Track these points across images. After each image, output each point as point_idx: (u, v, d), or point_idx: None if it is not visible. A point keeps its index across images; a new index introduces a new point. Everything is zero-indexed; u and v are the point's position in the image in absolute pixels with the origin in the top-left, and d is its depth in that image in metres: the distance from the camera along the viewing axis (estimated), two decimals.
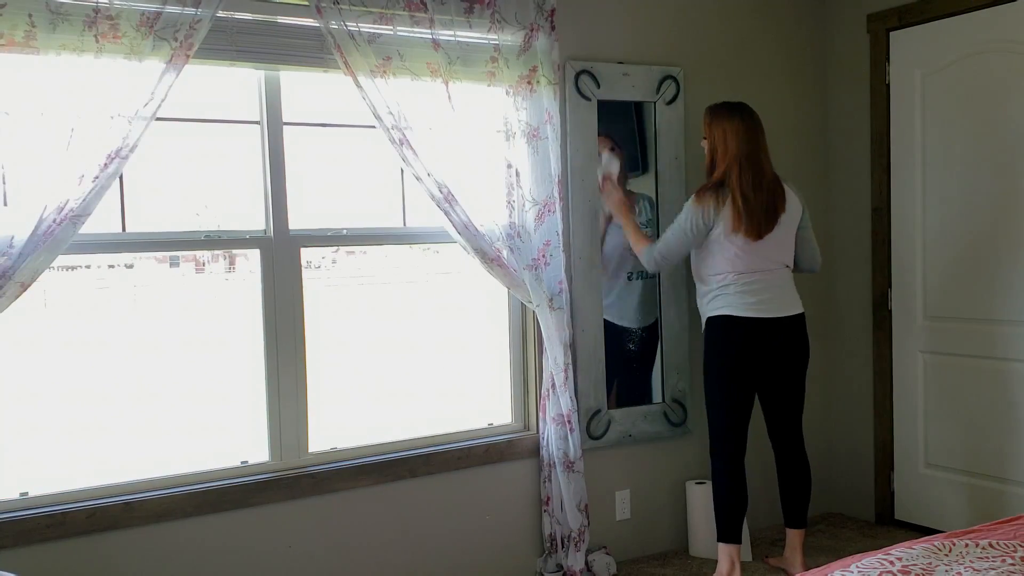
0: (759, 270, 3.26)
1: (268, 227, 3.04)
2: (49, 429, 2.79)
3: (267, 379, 3.05)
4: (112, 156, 2.55)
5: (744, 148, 3.23)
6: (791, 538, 3.50)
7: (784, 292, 3.33)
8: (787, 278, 3.36)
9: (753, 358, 3.29)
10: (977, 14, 3.63)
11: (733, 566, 3.33)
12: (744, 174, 3.20)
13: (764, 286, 3.27)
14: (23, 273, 2.46)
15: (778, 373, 3.37)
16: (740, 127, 3.25)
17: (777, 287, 3.30)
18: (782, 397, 3.43)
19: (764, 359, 3.31)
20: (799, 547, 3.49)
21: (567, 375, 3.34)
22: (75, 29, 2.50)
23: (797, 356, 3.38)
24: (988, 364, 3.68)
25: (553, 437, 3.37)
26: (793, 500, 3.49)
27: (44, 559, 2.64)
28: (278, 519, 3.00)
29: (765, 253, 3.26)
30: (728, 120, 3.28)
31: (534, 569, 3.49)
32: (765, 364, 3.32)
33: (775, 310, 3.28)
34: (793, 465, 3.48)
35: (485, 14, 3.17)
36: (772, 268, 3.29)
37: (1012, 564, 2.14)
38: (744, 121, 3.27)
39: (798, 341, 3.37)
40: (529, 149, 3.27)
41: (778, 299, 3.30)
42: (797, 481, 3.48)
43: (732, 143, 3.24)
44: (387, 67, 2.97)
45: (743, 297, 3.24)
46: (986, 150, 3.64)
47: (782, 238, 3.31)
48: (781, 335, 3.30)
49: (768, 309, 3.26)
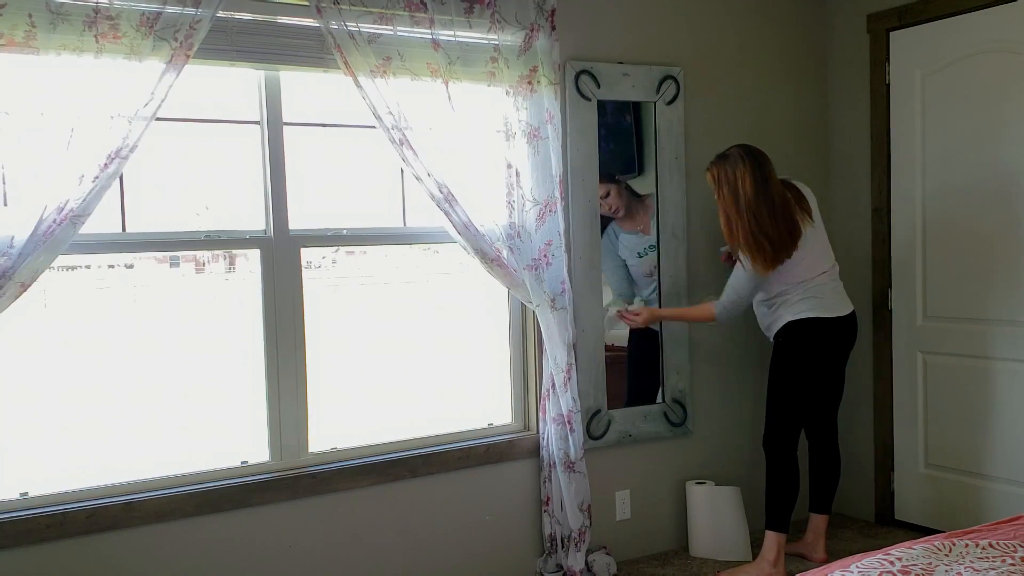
0: (816, 274, 3.42)
1: (268, 227, 3.04)
2: (49, 429, 2.78)
3: (267, 379, 3.05)
4: (112, 156, 2.55)
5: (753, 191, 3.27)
6: (816, 523, 3.65)
7: (839, 291, 3.50)
8: (837, 276, 3.52)
9: (825, 356, 3.48)
10: (977, 14, 3.62)
11: (779, 554, 3.43)
12: (761, 216, 3.27)
13: (826, 289, 3.44)
14: (23, 273, 2.46)
15: (831, 369, 3.55)
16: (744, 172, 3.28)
17: (833, 287, 3.48)
18: (830, 392, 3.60)
19: (830, 357, 3.51)
20: (823, 532, 3.64)
21: (568, 375, 3.34)
22: (75, 29, 2.50)
23: (848, 352, 3.58)
24: (988, 364, 3.68)
25: (553, 437, 3.37)
26: (823, 486, 3.66)
27: (44, 559, 2.64)
28: (278, 519, 3.00)
29: (813, 261, 3.41)
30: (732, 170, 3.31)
31: (534, 569, 3.49)
32: (829, 361, 3.51)
33: (839, 309, 3.46)
34: (827, 454, 3.66)
35: (485, 14, 3.17)
36: (826, 270, 3.45)
37: (1012, 564, 2.14)
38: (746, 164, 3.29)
39: (853, 338, 3.55)
40: (529, 149, 3.27)
41: (838, 299, 3.47)
42: (829, 469, 3.66)
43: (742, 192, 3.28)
44: (387, 67, 2.97)
45: (813, 301, 3.40)
46: (986, 150, 3.64)
47: (820, 241, 3.46)
48: (844, 332, 3.49)
49: (835, 308, 3.44)
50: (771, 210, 3.27)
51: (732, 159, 3.33)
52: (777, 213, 3.28)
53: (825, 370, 3.51)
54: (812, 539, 3.65)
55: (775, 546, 3.45)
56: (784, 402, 3.49)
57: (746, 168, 3.28)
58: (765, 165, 3.32)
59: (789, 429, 3.49)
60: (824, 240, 3.50)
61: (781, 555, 3.45)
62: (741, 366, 4.00)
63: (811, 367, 3.46)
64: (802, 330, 3.42)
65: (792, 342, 3.45)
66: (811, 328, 3.41)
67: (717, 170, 3.36)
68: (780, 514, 3.47)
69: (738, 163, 3.30)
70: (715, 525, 3.71)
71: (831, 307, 3.43)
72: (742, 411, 4.01)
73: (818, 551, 3.62)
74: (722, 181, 3.33)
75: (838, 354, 3.53)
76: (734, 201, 3.29)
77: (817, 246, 3.43)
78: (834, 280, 3.49)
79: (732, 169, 3.31)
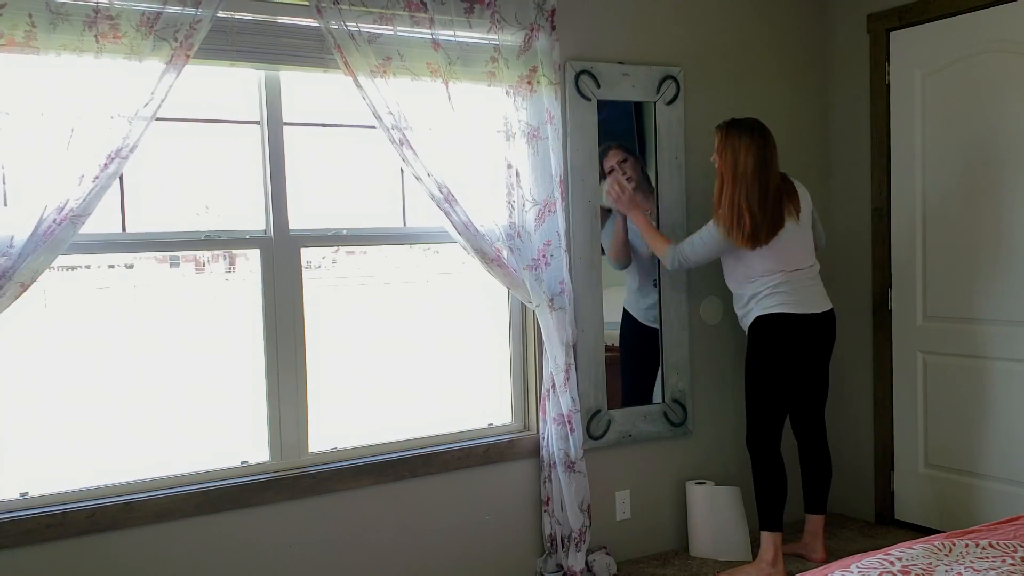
0: (790, 269, 3.38)
1: (268, 227, 3.04)
2: (49, 429, 2.78)
3: (267, 379, 3.05)
4: (112, 156, 2.55)
5: (754, 166, 3.28)
6: (812, 524, 3.64)
7: (816, 288, 3.46)
8: (816, 275, 3.49)
9: (798, 352, 3.43)
10: (977, 14, 3.62)
11: (777, 554, 3.42)
12: (752, 193, 3.27)
13: (799, 285, 3.39)
14: (23, 273, 2.46)
15: (811, 367, 3.50)
16: (751, 145, 3.30)
17: (809, 284, 3.43)
18: (812, 390, 3.56)
19: (805, 353, 3.45)
20: (820, 532, 3.63)
21: (567, 375, 3.34)
22: (75, 29, 2.50)
23: (828, 350, 3.54)
24: (988, 364, 3.68)
25: (554, 437, 3.37)
26: (815, 487, 3.64)
27: (44, 559, 2.64)
28: (278, 519, 3.00)
29: (790, 255, 3.38)
30: (739, 139, 3.32)
31: (534, 569, 3.49)
32: (804, 358, 3.46)
33: (814, 306, 3.41)
34: (816, 453, 3.63)
35: (485, 14, 3.17)
36: (802, 267, 3.41)
37: (1012, 564, 2.14)
38: (755, 139, 3.32)
39: (831, 336, 3.53)
40: (529, 149, 3.27)
41: (814, 296, 3.44)
42: (820, 469, 3.64)
43: (742, 163, 3.29)
44: (387, 67, 2.97)
45: (784, 296, 3.36)
46: (986, 150, 3.64)
47: (802, 238, 3.43)
48: (820, 329, 3.45)
49: (809, 305, 3.40)
50: (763, 192, 3.28)
51: (744, 128, 3.34)
52: (768, 198, 3.29)
53: (801, 367, 3.47)
54: (810, 540, 3.65)
55: (771, 546, 3.44)
56: (759, 399, 3.48)
57: (752, 142, 3.30)
58: (770, 148, 3.33)
59: (766, 426, 3.47)
60: (807, 240, 3.47)
61: (779, 554, 3.44)
62: (741, 366, 3.98)
63: (783, 363, 3.43)
64: (772, 325, 3.39)
65: (762, 337, 3.43)
66: (781, 323, 3.38)
67: (726, 133, 3.36)
68: (771, 513, 3.45)
69: (747, 134, 3.31)
70: (715, 525, 3.71)
71: (804, 303, 3.39)
72: (742, 411, 3.99)
73: (817, 551, 3.61)
74: (727, 145, 3.33)
75: (814, 351, 3.49)
76: (732, 167, 3.30)
77: (796, 243, 3.41)
78: (811, 278, 3.46)
79: (739, 137, 3.32)
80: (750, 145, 3.30)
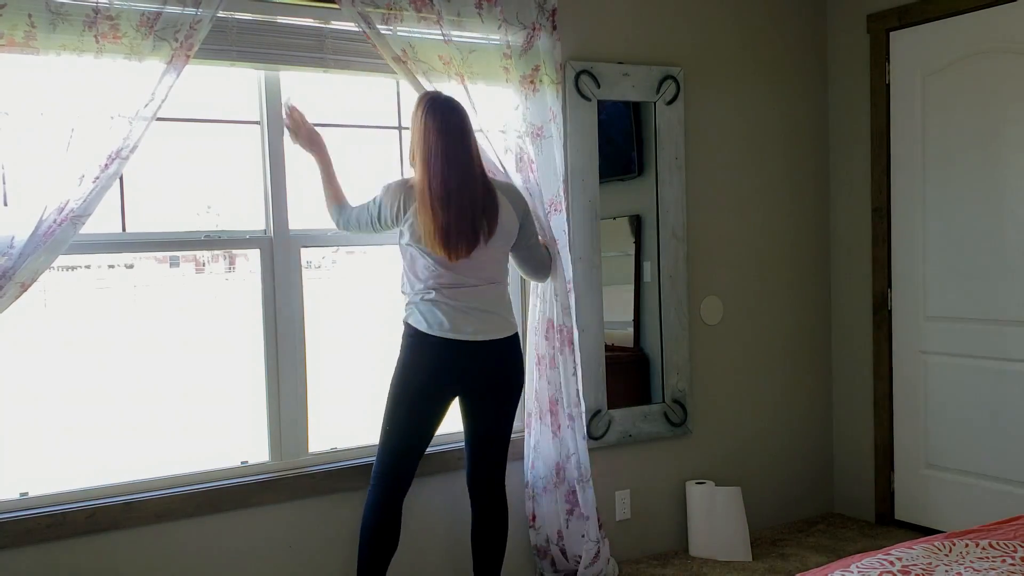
0: (460, 285, 2.82)
1: (268, 227, 3.04)
2: (49, 429, 2.79)
3: (267, 379, 3.04)
4: (112, 156, 2.55)
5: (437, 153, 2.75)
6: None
7: (490, 313, 2.86)
8: (494, 295, 2.89)
9: (441, 383, 2.84)
10: (977, 14, 3.63)
11: None
12: (434, 182, 2.74)
13: (466, 305, 2.81)
14: (23, 273, 2.46)
15: (476, 404, 2.92)
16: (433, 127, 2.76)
17: (480, 307, 2.84)
18: (478, 434, 2.97)
19: (456, 386, 2.87)
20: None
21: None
22: (75, 29, 2.50)
23: (499, 387, 2.91)
24: (988, 364, 3.68)
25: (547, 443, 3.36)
26: (486, 557, 3.02)
27: (44, 559, 2.64)
28: (278, 519, 3.00)
29: (467, 271, 2.82)
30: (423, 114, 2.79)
31: (534, 569, 3.49)
32: (459, 392, 2.89)
33: (459, 331, 2.79)
34: (489, 517, 3.01)
35: (494, 12, 3.15)
36: (476, 284, 2.84)
37: (1012, 564, 2.14)
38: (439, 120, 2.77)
39: (502, 369, 2.89)
40: (534, 148, 3.27)
41: (482, 320, 2.83)
42: (493, 536, 3.02)
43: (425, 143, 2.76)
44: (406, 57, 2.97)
45: (437, 315, 2.79)
46: (986, 150, 3.64)
47: (489, 256, 2.86)
48: (480, 361, 2.84)
49: (450, 328, 2.79)
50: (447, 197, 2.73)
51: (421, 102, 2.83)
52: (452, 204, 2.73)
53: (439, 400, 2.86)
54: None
55: None
56: (386, 428, 2.86)
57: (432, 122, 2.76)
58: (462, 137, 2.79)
59: (383, 456, 2.87)
60: (500, 260, 2.92)
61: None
62: (741, 366, 4.00)
63: (416, 391, 2.82)
64: (407, 337, 2.85)
65: (401, 347, 2.88)
66: (415, 339, 2.82)
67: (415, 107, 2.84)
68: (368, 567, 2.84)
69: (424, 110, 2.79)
70: (715, 525, 3.71)
71: (450, 326, 2.78)
72: (742, 411, 4.01)
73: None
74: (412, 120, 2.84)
75: (473, 387, 2.87)
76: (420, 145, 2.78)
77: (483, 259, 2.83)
78: (482, 298, 2.83)
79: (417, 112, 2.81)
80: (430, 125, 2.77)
